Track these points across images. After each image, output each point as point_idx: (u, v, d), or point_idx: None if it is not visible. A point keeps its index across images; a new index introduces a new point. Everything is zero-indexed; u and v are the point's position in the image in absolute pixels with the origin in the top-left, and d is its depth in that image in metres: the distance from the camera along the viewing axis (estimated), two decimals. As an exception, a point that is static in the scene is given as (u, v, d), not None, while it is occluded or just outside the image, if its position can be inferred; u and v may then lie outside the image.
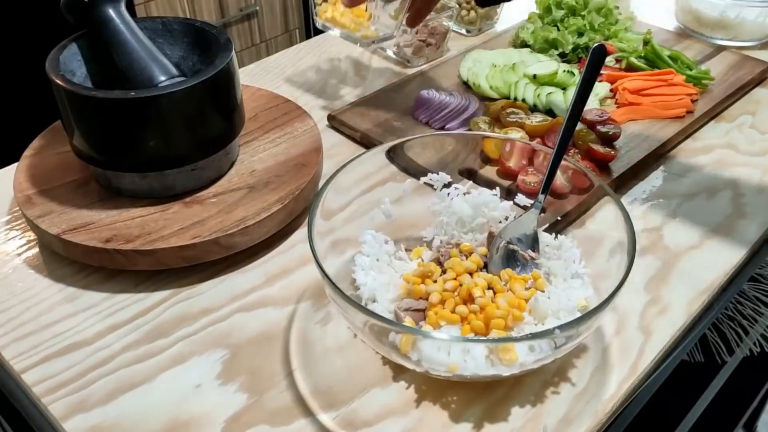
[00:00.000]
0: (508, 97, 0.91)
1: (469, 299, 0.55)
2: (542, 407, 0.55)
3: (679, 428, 1.00)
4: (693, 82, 0.92)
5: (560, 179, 0.72)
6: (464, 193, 0.66)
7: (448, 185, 0.66)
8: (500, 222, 0.65)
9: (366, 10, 0.78)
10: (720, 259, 0.69)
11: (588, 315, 0.49)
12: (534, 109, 0.88)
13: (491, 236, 0.63)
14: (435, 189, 0.66)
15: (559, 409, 0.54)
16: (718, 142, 0.87)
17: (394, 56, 1.04)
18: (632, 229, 0.54)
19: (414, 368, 0.52)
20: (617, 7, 1.06)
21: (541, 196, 0.63)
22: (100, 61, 0.71)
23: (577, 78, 0.91)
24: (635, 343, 0.60)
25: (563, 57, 1.00)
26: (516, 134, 0.80)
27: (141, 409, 0.55)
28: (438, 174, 0.66)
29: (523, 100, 0.89)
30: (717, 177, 0.81)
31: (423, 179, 0.66)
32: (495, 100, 0.91)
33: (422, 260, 0.62)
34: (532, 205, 0.64)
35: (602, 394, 0.56)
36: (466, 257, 0.60)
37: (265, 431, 0.53)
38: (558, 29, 1.02)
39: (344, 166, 0.62)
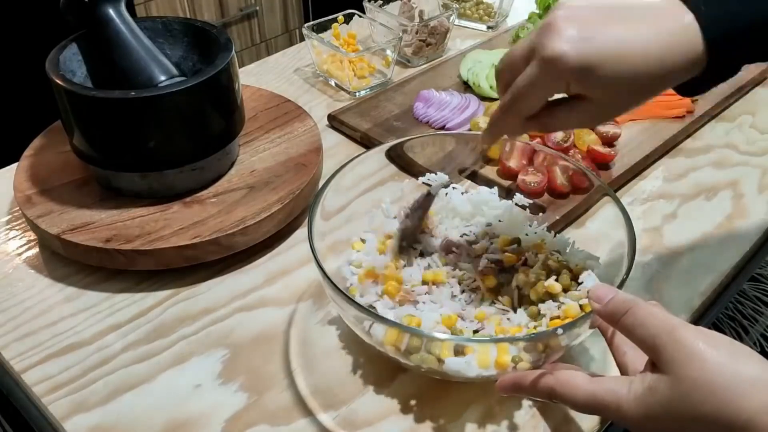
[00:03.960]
0: (508, 97, 0.91)
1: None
2: (542, 407, 0.55)
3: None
4: (693, 82, 0.92)
5: (560, 179, 0.72)
6: (462, 192, 0.66)
7: (446, 185, 0.66)
8: (500, 221, 0.65)
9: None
10: (720, 259, 0.69)
11: (588, 315, 0.49)
12: (534, 109, 0.88)
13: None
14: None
15: (560, 409, 0.54)
16: (718, 142, 0.87)
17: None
18: (632, 229, 0.54)
19: (414, 368, 0.52)
20: (617, 7, 1.06)
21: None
22: (100, 61, 0.71)
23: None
24: (635, 343, 0.60)
25: (563, 57, 1.00)
26: (516, 134, 0.80)
27: (141, 409, 0.55)
28: (436, 174, 0.66)
29: (523, 100, 0.89)
30: (717, 177, 0.81)
31: (421, 179, 0.66)
32: (495, 100, 0.91)
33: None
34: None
35: (602, 394, 0.55)
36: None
37: (265, 431, 0.53)
38: (558, 29, 1.01)
39: (344, 165, 0.61)
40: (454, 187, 0.66)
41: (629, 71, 0.46)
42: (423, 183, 0.65)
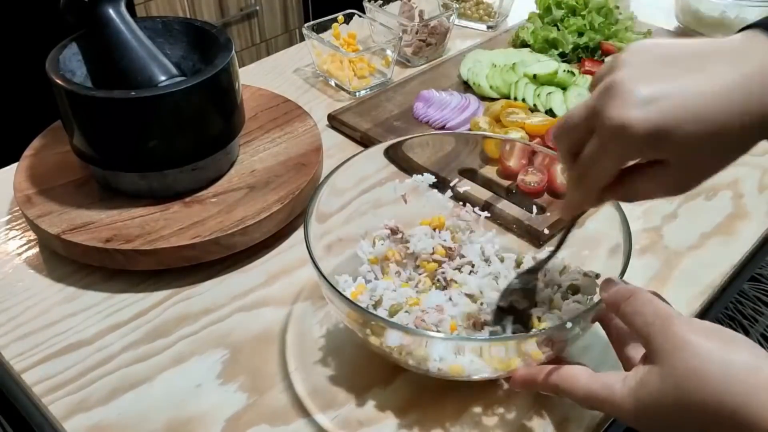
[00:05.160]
0: (508, 97, 0.91)
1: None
2: (542, 407, 0.55)
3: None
4: (693, 82, 0.92)
5: (560, 179, 0.72)
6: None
7: (434, 185, 0.65)
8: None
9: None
10: (720, 259, 0.69)
11: (588, 313, 0.49)
12: (534, 109, 0.88)
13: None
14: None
15: (559, 409, 0.54)
16: (718, 142, 0.86)
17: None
18: (628, 230, 0.54)
19: (413, 368, 0.52)
20: (617, 7, 1.06)
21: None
22: (100, 61, 0.71)
23: (578, 78, 0.91)
24: (635, 343, 0.59)
25: (563, 57, 1.00)
26: (516, 134, 0.80)
27: (141, 409, 0.55)
28: (422, 175, 0.65)
29: (523, 100, 0.89)
30: (717, 177, 0.80)
31: (407, 181, 0.65)
32: (495, 100, 0.91)
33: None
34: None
35: (602, 394, 0.55)
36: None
37: (265, 431, 0.53)
38: (558, 29, 1.02)
39: (341, 165, 0.61)
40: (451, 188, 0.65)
41: (711, 127, 0.40)
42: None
